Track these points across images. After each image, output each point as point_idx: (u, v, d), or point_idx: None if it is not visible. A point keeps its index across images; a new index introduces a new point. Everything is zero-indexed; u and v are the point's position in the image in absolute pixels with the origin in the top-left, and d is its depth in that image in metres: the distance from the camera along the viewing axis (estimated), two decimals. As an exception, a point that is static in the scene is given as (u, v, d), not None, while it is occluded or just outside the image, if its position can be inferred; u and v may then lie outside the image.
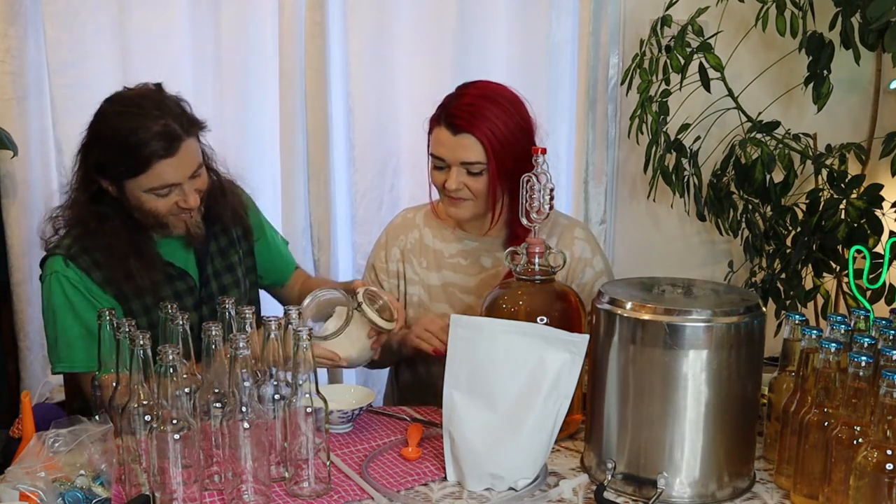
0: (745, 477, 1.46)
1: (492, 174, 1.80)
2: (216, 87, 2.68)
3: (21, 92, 2.51)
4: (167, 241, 1.86)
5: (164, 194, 1.75)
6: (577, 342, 1.44)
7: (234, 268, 1.97)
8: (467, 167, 1.81)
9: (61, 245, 1.80)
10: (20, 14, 2.47)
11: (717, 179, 2.50)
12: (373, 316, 1.73)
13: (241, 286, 1.97)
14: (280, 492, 1.44)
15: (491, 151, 1.78)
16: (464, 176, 1.82)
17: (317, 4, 2.59)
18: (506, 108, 1.81)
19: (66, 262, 1.78)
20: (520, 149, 1.78)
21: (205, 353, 1.41)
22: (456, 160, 1.81)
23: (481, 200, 1.85)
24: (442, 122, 1.82)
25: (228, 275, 1.95)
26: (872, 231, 2.22)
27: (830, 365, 1.32)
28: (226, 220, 1.94)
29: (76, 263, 1.78)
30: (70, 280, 1.77)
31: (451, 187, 1.82)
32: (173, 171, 1.73)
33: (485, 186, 1.82)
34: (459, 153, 1.80)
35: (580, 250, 1.95)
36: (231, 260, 1.96)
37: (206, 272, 1.91)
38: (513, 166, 1.77)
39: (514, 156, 1.79)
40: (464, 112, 1.79)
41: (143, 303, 1.81)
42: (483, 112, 1.78)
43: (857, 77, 2.51)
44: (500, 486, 1.45)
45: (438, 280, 1.98)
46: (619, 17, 2.72)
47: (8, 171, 2.52)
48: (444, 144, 1.82)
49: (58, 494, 1.30)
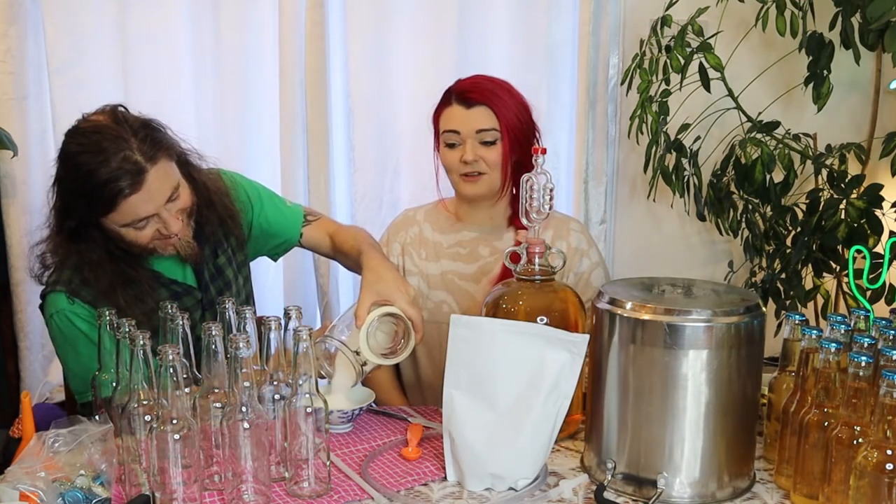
0: (745, 477, 1.46)
1: (504, 143, 1.89)
2: (216, 88, 2.68)
3: (21, 92, 2.51)
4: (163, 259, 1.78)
5: (142, 227, 1.66)
6: (577, 342, 1.44)
7: (223, 269, 1.92)
8: (482, 136, 1.90)
9: (60, 280, 1.72)
10: (20, 14, 2.48)
11: (717, 179, 2.50)
12: (381, 361, 1.65)
13: (233, 286, 1.95)
14: (280, 492, 1.44)
15: (503, 120, 1.88)
16: (478, 147, 1.90)
17: (317, 4, 2.60)
18: (509, 90, 1.94)
19: (71, 299, 1.70)
20: (525, 127, 1.93)
21: (205, 352, 1.41)
22: (471, 130, 1.90)
23: (496, 173, 1.92)
24: (453, 101, 1.93)
25: (220, 279, 1.91)
26: (872, 231, 2.22)
27: (830, 365, 1.32)
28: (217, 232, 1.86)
29: (80, 298, 1.70)
30: (79, 315, 1.70)
31: (468, 158, 1.90)
32: (144, 204, 1.62)
33: (499, 157, 1.90)
34: (474, 123, 1.90)
35: (576, 241, 1.99)
36: (220, 262, 1.92)
37: (203, 279, 1.87)
38: (522, 139, 1.91)
39: (523, 130, 1.91)
40: (475, 88, 1.92)
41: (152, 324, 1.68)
42: (492, 88, 1.91)
43: (857, 77, 2.51)
44: (500, 486, 1.45)
45: (437, 269, 2.03)
46: (619, 17, 2.72)
47: (8, 171, 2.52)
48: (457, 118, 1.92)
49: (58, 494, 1.30)
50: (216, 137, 2.70)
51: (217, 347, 1.40)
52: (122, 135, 1.61)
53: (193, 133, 2.58)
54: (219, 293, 1.87)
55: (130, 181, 1.59)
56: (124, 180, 1.58)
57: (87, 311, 1.70)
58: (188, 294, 1.83)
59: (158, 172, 1.62)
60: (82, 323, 1.70)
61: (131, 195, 1.59)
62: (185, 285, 1.83)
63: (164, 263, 1.80)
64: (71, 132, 1.67)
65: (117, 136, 1.60)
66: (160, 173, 1.63)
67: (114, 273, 1.69)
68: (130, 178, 1.59)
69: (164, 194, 1.65)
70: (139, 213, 1.63)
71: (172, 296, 1.77)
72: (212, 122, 2.71)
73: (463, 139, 1.91)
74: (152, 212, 1.64)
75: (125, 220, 1.64)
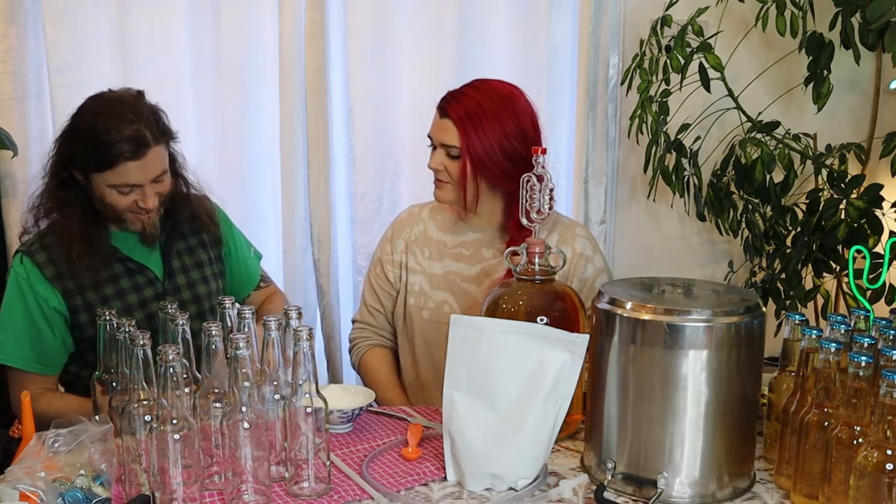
0: (745, 477, 1.46)
1: (463, 162, 1.90)
2: (216, 87, 2.68)
3: (21, 92, 2.50)
4: (127, 237, 1.95)
5: (126, 192, 1.86)
6: (577, 342, 1.44)
7: (203, 265, 2.07)
8: (447, 150, 1.92)
9: (26, 243, 1.94)
10: (20, 14, 2.47)
11: (717, 179, 2.50)
12: None
13: (211, 284, 2.06)
14: (280, 492, 1.44)
15: (465, 139, 1.88)
16: (444, 158, 1.93)
17: (317, 4, 2.59)
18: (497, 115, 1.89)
19: (22, 258, 1.91)
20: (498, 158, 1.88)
21: (205, 353, 1.41)
22: (438, 141, 1.94)
23: (457, 185, 1.94)
24: (437, 106, 1.96)
25: (196, 271, 2.05)
26: (872, 231, 2.22)
27: (830, 365, 1.32)
28: (190, 222, 2.04)
29: (32, 259, 1.89)
30: (19, 275, 1.89)
31: (430, 165, 1.96)
32: (137, 172, 1.84)
33: (458, 172, 1.92)
34: (440, 135, 1.93)
35: (581, 247, 1.99)
36: (200, 258, 2.06)
37: (171, 266, 2.01)
38: (486, 158, 1.88)
39: (493, 160, 1.88)
40: (452, 99, 1.93)
41: (100, 294, 1.90)
42: (468, 102, 1.90)
43: (857, 77, 2.52)
44: (500, 486, 1.45)
45: (440, 269, 2.02)
46: (619, 17, 2.72)
47: (8, 171, 2.52)
48: (433, 126, 1.96)
49: (58, 494, 1.30)
50: (216, 137, 2.70)
51: (217, 347, 1.41)
52: (140, 111, 1.86)
53: (193, 133, 2.61)
54: (190, 284, 2.02)
55: (135, 148, 1.81)
56: (131, 145, 1.81)
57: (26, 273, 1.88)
58: (141, 273, 1.97)
59: (157, 152, 1.87)
60: (24, 283, 1.88)
61: (131, 160, 1.82)
62: (139, 263, 1.97)
63: (124, 242, 1.96)
64: (96, 97, 1.91)
65: (136, 110, 1.85)
66: (158, 154, 1.87)
67: (73, 230, 1.88)
68: (136, 146, 1.81)
69: (154, 172, 1.87)
70: (129, 179, 1.84)
71: (126, 271, 1.95)
72: (212, 122, 2.71)
73: (434, 145, 1.95)
74: (140, 182, 1.85)
75: (116, 181, 1.84)
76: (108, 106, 1.86)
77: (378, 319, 2.11)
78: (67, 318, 1.90)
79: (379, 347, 2.10)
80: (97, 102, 1.89)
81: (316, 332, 2.70)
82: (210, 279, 2.06)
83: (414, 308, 2.02)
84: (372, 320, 2.11)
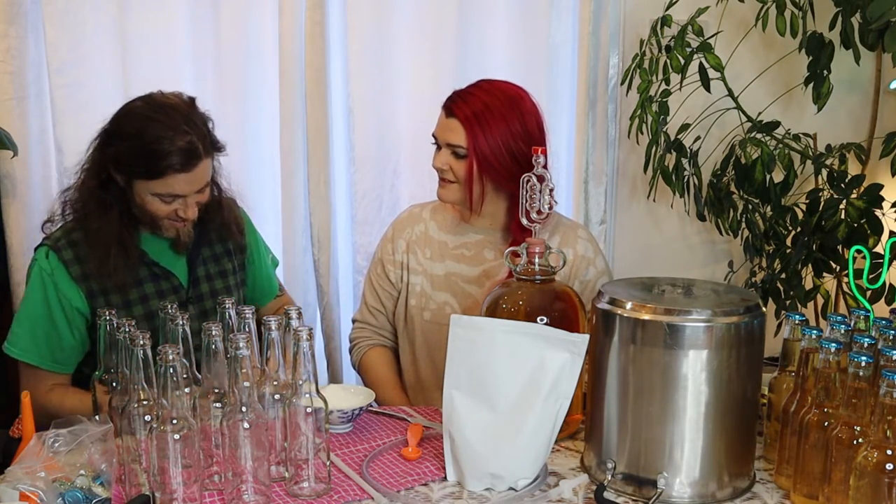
0: (745, 477, 1.46)
1: (470, 161, 1.89)
2: (216, 87, 2.68)
3: (21, 92, 2.50)
4: (155, 241, 1.92)
5: (169, 201, 1.83)
6: (577, 342, 1.44)
7: (227, 275, 2.04)
8: (453, 149, 1.90)
9: (52, 237, 1.89)
10: (20, 14, 2.47)
11: (717, 179, 2.50)
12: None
13: (234, 293, 2.02)
14: (280, 492, 1.44)
15: (472, 138, 1.87)
16: (450, 158, 1.91)
17: (317, 4, 2.59)
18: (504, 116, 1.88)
19: (48, 253, 1.86)
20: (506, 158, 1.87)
21: (205, 353, 1.41)
22: (444, 141, 1.93)
23: (463, 185, 1.93)
24: (443, 106, 1.95)
25: (220, 280, 2.02)
26: (872, 231, 2.22)
27: (830, 365, 1.32)
28: (218, 231, 2.01)
29: (58, 255, 1.85)
30: (44, 270, 1.85)
31: (435, 165, 1.94)
32: (184, 184, 1.81)
33: (464, 172, 1.90)
34: (446, 135, 1.91)
35: (583, 249, 1.98)
36: (225, 267, 2.03)
37: (195, 274, 1.97)
38: (493, 159, 1.87)
39: (496, 149, 1.87)
40: (458, 99, 1.91)
41: (124, 298, 1.87)
42: (475, 102, 1.89)
43: (857, 77, 2.51)
44: (500, 486, 1.45)
45: (442, 270, 2.02)
46: (619, 17, 2.72)
47: (8, 171, 2.52)
48: (438, 125, 1.95)
49: (58, 494, 1.30)
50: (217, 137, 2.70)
51: (217, 347, 1.41)
52: (193, 121, 1.82)
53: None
54: (213, 293, 1.97)
55: (186, 161, 1.77)
56: (181, 157, 1.77)
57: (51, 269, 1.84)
58: (166, 279, 1.93)
59: (206, 165, 1.83)
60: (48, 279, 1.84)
61: (180, 173, 1.78)
62: (165, 269, 1.93)
63: (152, 245, 1.92)
64: (147, 99, 1.84)
65: (190, 120, 1.81)
66: (206, 166, 1.84)
67: (109, 234, 1.83)
68: (186, 159, 1.77)
69: (200, 184, 1.84)
70: (175, 190, 1.80)
71: (151, 275, 1.91)
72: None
73: (439, 145, 1.94)
74: (185, 193, 1.82)
75: (161, 190, 1.80)
76: (160, 111, 1.80)
77: (378, 319, 2.11)
78: (88, 319, 1.86)
79: (379, 347, 2.10)
80: (149, 106, 1.82)
81: (316, 332, 2.70)
82: (233, 289, 2.03)
83: (415, 309, 2.02)
84: (372, 320, 2.11)
